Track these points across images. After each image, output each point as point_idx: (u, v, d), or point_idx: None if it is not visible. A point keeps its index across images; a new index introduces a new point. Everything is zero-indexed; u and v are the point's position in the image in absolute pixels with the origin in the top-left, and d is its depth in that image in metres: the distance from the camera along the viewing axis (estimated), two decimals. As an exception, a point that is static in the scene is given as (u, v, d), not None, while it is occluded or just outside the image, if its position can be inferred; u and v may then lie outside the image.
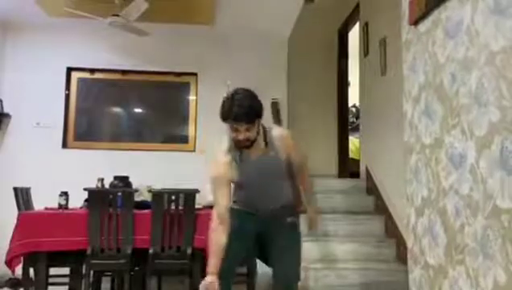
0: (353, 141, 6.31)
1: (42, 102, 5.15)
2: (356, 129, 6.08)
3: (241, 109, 2.14)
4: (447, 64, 1.67)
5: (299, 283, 2.45)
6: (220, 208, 2.26)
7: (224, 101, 2.22)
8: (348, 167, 5.96)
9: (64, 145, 5.23)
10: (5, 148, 5.07)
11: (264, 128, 2.35)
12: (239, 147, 2.27)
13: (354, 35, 5.77)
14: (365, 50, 5.12)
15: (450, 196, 1.62)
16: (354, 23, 5.74)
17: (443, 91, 1.69)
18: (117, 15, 4.14)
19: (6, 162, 4.96)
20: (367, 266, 3.82)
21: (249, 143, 2.24)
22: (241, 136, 2.20)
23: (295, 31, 5.38)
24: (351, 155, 6.21)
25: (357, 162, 5.56)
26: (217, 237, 2.23)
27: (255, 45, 5.40)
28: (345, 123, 6.25)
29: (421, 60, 1.89)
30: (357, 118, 6.13)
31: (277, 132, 2.40)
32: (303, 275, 2.46)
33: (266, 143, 2.33)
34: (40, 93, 5.16)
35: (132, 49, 5.25)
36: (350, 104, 6.42)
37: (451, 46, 1.64)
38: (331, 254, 4.00)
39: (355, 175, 5.46)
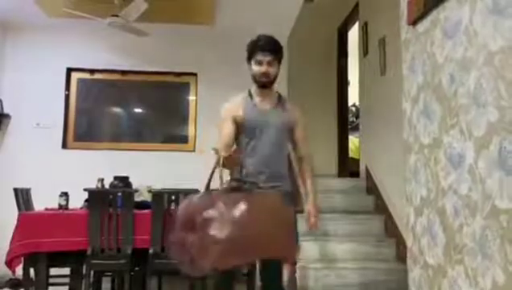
0: (353, 140, 6.31)
1: (42, 102, 5.16)
2: (356, 128, 6.08)
3: (268, 41, 2.40)
4: (445, 65, 1.67)
5: (298, 283, 2.44)
6: (223, 140, 2.30)
7: (249, 42, 2.48)
8: (348, 167, 5.96)
9: (64, 145, 5.23)
10: (5, 148, 5.07)
11: (279, 93, 2.50)
12: (259, 83, 2.40)
13: (354, 34, 5.77)
14: (364, 49, 5.12)
15: (449, 196, 1.62)
16: (354, 23, 5.74)
17: (441, 91, 1.69)
18: (117, 16, 4.14)
19: (6, 162, 4.96)
20: (367, 265, 3.83)
21: (269, 80, 2.39)
22: (264, 69, 2.37)
23: (295, 31, 5.38)
24: (351, 154, 6.21)
25: (356, 161, 5.56)
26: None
27: (255, 45, 5.39)
28: (345, 122, 6.25)
29: (420, 60, 1.89)
30: (357, 117, 6.13)
31: (292, 104, 2.53)
32: (300, 273, 2.45)
33: (279, 101, 2.46)
34: (40, 93, 5.17)
35: (132, 49, 5.25)
36: (350, 103, 6.42)
37: (449, 46, 1.64)
38: (330, 253, 4.00)
39: (355, 174, 5.46)
